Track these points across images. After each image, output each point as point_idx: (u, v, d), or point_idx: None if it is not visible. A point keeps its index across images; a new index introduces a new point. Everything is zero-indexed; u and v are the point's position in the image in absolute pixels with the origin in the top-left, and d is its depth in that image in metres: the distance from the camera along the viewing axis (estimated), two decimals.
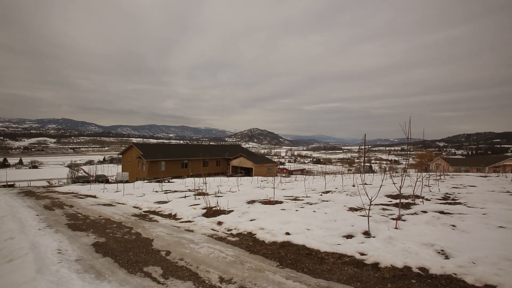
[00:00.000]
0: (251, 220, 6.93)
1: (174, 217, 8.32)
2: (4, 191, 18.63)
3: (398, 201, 7.42)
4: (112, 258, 4.82)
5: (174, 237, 6.04)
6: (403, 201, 8.22)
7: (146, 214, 9.05)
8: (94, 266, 4.46)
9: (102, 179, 34.40)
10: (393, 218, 6.23)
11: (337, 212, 7.26)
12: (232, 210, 8.16)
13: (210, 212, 8.27)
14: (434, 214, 6.43)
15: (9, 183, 32.37)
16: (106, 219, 8.27)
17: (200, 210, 8.61)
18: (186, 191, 14.89)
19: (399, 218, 6.14)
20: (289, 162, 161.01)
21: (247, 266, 4.26)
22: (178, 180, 29.51)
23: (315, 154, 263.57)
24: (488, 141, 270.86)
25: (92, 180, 35.04)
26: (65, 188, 23.35)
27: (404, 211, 6.92)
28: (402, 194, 6.59)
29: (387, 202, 8.84)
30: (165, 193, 14.76)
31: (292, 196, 11.29)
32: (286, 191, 13.85)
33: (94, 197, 14.92)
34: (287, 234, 5.61)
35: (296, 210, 7.70)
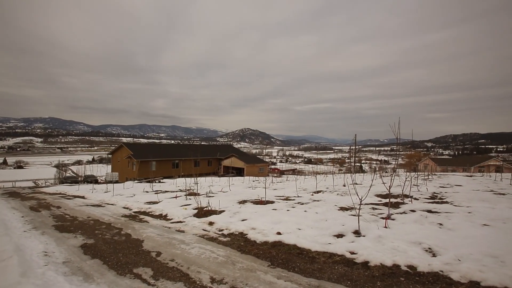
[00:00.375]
0: (243, 220, 6.92)
1: (165, 217, 8.24)
2: None
3: (387, 200, 7.55)
4: (101, 259, 4.73)
5: (164, 237, 5.98)
6: (393, 200, 8.37)
7: (136, 214, 8.92)
8: (82, 268, 4.37)
9: (91, 180, 33.74)
10: (382, 217, 6.33)
11: (328, 211, 7.33)
12: (223, 210, 8.14)
13: (201, 212, 8.22)
14: (422, 213, 6.57)
15: None
16: (95, 220, 8.12)
17: (191, 210, 8.55)
18: (177, 191, 14.76)
19: (389, 217, 6.24)
20: (280, 162, 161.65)
21: (239, 266, 4.25)
22: (169, 180, 29.21)
23: (307, 154, 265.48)
24: (473, 141, 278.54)
25: (80, 180, 34.33)
26: (52, 188, 22.79)
27: (393, 210, 7.04)
28: (391, 193, 6.71)
29: (377, 201, 8.97)
30: (155, 193, 14.59)
31: (283, 196, 11.34)
32: (278, 191, 13.90)
33: (83, 197, 14.62)
34: (279, 234, 5.63)
35: (287, 210, 7.74)
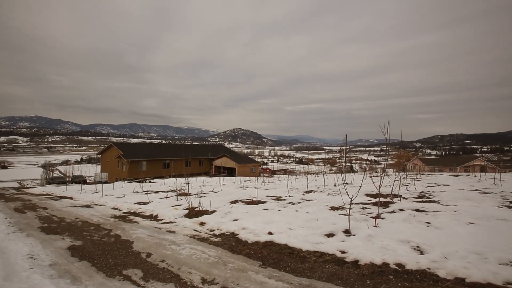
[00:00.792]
0: (234, 220, 6.91)
1: (156, 218, 8.14)
2: None
3: (377, 200, 7.67)
4: (89, 261, 4.64)
5: (155, 238, 5.91)
6: (382, 200, 8.51)
7: (126, 215, 8.79)
8: (70, 270, 4.27)
9: (80, 180, 33.04)
10: (372, 217, 6.43)
11: (319, 211, 7.40)
12: (214, 211, 8.10)
13: (193, 212, 8.16)
14: (411, 212, 6.70)
15: None
16: (83, 221, 7.95)
17: (182, 210, 8.48)
18: (168, 192, 14.60)
19: (378, 217, 6.35)
20: (272, 162, 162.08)
21: (230, 266, 4.24)
22: (159, 180, 28.88)
23: (298, 154, 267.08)
24: (459, 142, 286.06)
25: (68, 181, 33.56)
26: (38, 189, 22.20)
27: (383, 210, 7.16)
28: (381, 193, 6.83)
29: (367, 201, 9.11)
30: (146, 193, 14.40)
31: (275, 196, 11.37)
32: (269, 191, 13.93)
33: (71, 198, 14.30)
34: (270, 233, 5.64)
35: (278, 210, 7.77)
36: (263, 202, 9.34)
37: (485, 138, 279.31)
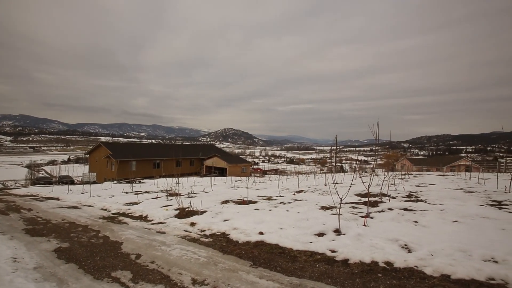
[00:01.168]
0: (225, 220, 6.89)
1: (145, 218, 8.03)
2: None
3: (367, 199, 7.79)
4: (76, 264, 4.53)
5: (145, 239, 5.83)
6: (371, 199, 8.65)
7: (115, 216, 8.63)
8: (56, 273, 4.16)
9: (67, 180, 32.24)
10: (362, 216, 6.52)
11: (309, 211, 7.45)
12: (205, 211, 8.05)
13: (183, 213, 8.09)
14: (399, 211, 6.84)
15: None
16: (71, 223, 7.76)
17: (172, 211, 8.39)
18: (158, 192, 14.43)
19: (368, 216, 6.45)
20: (263, 162, 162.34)
21: (221, 266, 4.22)
22: (150, 180, 28.49)
23: (289, 154, 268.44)
24: (446, 142, 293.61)
25: (55, 181, 32.69)
26: (23, 190, 21.54)
27: (372, 209, 7.28)
28: (370, 192, 6.93)
29: (357, 200, 9.24)
30: (135, 194, 14.17)
31: (266, 196, 11.40)
32: (260, 191, 13.95)
33: (57, 199, 13.94)
34: (261, 233, 5.65)
35: (269, 210, 7.79)
36: (254, 202, 9.34)
37: (470, 139, 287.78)
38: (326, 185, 15.31)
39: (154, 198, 11.64)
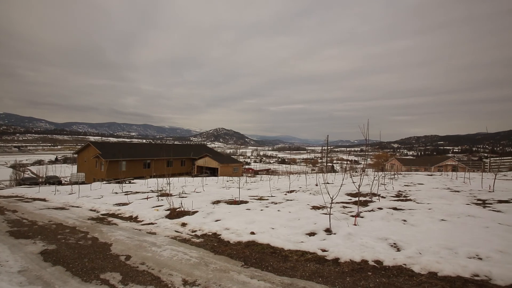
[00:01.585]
0: (216, 220, 6.86)
1: (135, 219, 7.91)
2: None
3: (357, 199, 7.90)
4: (63, 266, 4.42)
5: (135, 240, 5.74)
6: (362, 199, 8.77)
7: (104, 217, 8.47)
8: (42, 276, 4.05)
9: (54, 181, 31.48)
10: (352, 215, 6.61)
11: (300, 211, 7.50)
12: (196, 211, 8.00)
13: (174, 213, 8.01)
14: (389, 211, 6.95)
15: None
16: (58, 224, 7.58)
17: (163, 211, 8.30)
18: (148, 192, 14.24)
19: (358, 215, 6.54)
20: (254, 162, 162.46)
21: (212, 267, 4.20)
22: (140, 180, 28.09)
23: (280, 154, 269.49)
24: (433, 143, 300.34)
25: (41, 182, 31.86)
26: (7, 191, 20.91)
27: (362, 208, 7.38)
28: (360, 192, 7.04)
29: (347, 200, 9.35)
30: (125, 194, 13.95)
31: (257, 196, 11.40)
32: (252, 191, 13.94)
33: (44, 200, 13.58)
34: (252, 233, 5.65)
35: (261, 210, 7.80)
36: (246, 202, 9.34)
37: (456, 139, 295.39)
38: (317, 185, 15.44)
39: (145, 198, 11.48)
